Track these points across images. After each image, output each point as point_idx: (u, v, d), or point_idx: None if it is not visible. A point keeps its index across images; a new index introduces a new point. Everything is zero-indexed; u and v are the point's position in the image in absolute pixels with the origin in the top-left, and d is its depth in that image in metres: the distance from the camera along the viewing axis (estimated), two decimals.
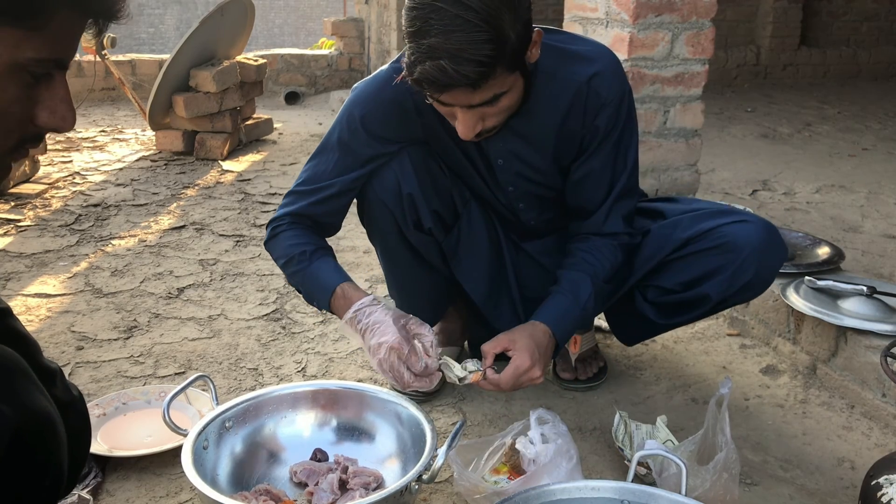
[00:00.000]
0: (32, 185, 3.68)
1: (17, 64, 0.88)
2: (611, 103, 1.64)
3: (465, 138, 1.47)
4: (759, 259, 1.68)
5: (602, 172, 1.70)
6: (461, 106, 1.42)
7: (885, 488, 1.32)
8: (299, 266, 1.67)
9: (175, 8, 17.43)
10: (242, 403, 1.61)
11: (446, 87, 1.35)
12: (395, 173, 1.69)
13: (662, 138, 2.80)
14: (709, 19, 2.71)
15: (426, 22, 1.31)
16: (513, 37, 1.35)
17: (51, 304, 2.45)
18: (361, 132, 1.65)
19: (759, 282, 1.72)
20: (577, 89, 1.62)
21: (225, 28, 4.39)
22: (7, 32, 0.85)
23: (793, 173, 3.73)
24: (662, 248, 1.76)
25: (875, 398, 1.85)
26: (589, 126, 1.65)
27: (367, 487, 1.50)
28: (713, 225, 1.71)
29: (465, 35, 1.30)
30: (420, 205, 1.71)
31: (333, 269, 1.67)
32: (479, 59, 1.31)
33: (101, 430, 1.75)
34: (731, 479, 1.42)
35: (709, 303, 1.74)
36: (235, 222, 3.26)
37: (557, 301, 1.67)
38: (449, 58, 1.30)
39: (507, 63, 1.37)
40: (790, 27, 6.63)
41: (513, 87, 1.44)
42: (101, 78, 5.78)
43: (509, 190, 1.77)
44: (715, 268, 1.70)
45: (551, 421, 1.53)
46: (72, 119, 0.95)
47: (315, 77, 6.56)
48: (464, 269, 1.85)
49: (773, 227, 1.73)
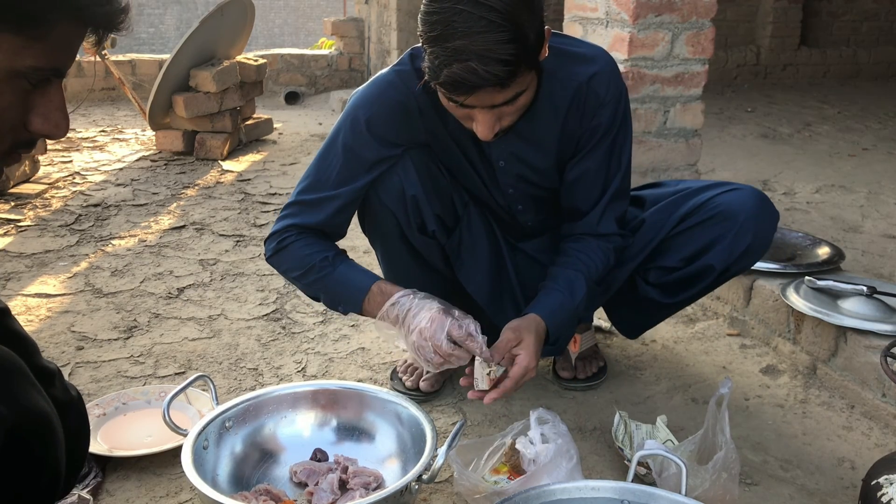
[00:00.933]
0: (32, 185, 3.69)
1: (16, 71, 0.88)
2: (609, 103, 1.65)
3: (484, 139, 1.48)
4: (756, 223, 1.72)
5: (597, 173, 1.71)
6: (484, 107, 1.42)
7: (885, 488, 1.32)
8: (322, 273, 1.64)
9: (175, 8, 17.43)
10: (242, 403, 1.61)
11: (475, 87, 1.36)
12: (398, 176, 1.68)
13: (662, 138, 2.80)
14: (709, 19, 2.71)
15: (449, 25, 1.32)
16: (532, 36, 1.37)
17: (51, 304, 2.45)
18: (367, 135, 1.63)
19: (758, 245, 1.76)
20: (577, 89, 1.63)
21: (225, 28, 4.39)
22: (7, 40, 0.86)
23: (793, 173, 3.73)
24: (659, 232, 1.80)
25: (875, 398, 1.85)
26: (587, 126, 1.66)
27: (367, 487, 1.50)
28: (706, 198, 1.76)
29: (491, 35, 1.31)
30: (424, 208, 1.71)
31: (363, 271, 1.66)
32: (506, 59, 1.32)
33: (101, 430, 1.76)
34: (731, 478, 1.42)
35: (713, 273, 1.77)
36: (235, 222, 3.26)
37: (554, 297, 1.68)
38: (477, 59, 1.31)
39: (528, 62, 1.39)
40: (790, 27, 6.63)
41: (530, 85, 1.46)
42: (101, 78, 5.79)
43: (509, 192, 1.78)
44: (714, 237, 1.74)
45: (551, 421, 1.53)
46: (65, 126, 0.95)
47: (315, 77, 6.56)
48: (466, 271, 1.85)
49: (762, 193, 1.78)
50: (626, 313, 1.99)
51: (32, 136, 0.94)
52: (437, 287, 1.91)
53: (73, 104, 5.56)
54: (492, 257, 1.87)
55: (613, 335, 2.27)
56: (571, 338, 1.94)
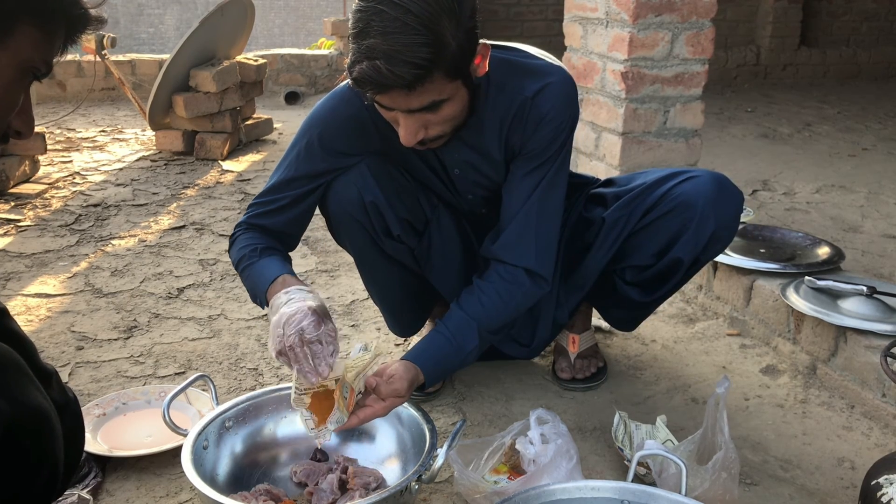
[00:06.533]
0: (32, 185, 3.69)
1: (32, 65, 0.91)
2: (550, 122, 1.61)
3: (406, 144, 1.47)
4: (716, 208, 1.70)
5: (522, 180, 1.65)
6: (401, 110, 1.42)
7: (885, 488, 1.32)
8: (247, 263, 1.63)
9: (175, 8, 17.43)
10: (242, 403, 1.62)
11: (382, 87, 1.36)
12: (354, 184, 1.69)
13: (662, 138, 2.80)
14: (709, 19, 2.71)
15: (368, 23, 1.33)
16: (453, 44, 1.35)
17: (51, 304, 2.45)
18: (318, 149, 1.67)
19: (723, 230, 1.74)
20: (522, 103, 1.61)
21: (225, 28, 4.39)
22: (32, 34, 0.90)
23: (793, 173, 3.73)
24: (624, 228, 1.78)
25: (875, 398, 1.85)
26: (526, 140, 1.64)
27: (367, 487, 1.50)
28: (664, 190, 1.74)
29: (403, 37, 1.31)
30: (386, 212, 1.71)
31: (281, 265, 1.61)
32: (415, 62, 1.32)
33: (101, 430, 1.76)
34: (731, 478, 1.42)
35: (682, 266, 1.76)
36: (235, 222, 3.25)
37: (440, 345, 1.62)
38: (385, 58, 1.31)
39: (445, 70, 1.37)
40: (790, 27, 6.63)
41: (454, 96, 1.43)
42: (101, 78, 5.79)
43: (469, 198, 1.79)
44: (677, 230, 1.72)
45: (551, 421, 1.53)
46: (33, 127, 1.00)
47: (315, 77, 6.55)
48: (437, 273, 1.86)
49: (721, 175, 1.75)
50: (616, 311, 2.00)
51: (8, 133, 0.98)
52: (415, 288, 1.92)
53: (73, 104, 5.56)
54: (464, 258, 1.87)
55: (613, 335, 2.27)
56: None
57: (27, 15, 0.89)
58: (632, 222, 1.77)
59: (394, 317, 2.04)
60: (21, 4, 0.89)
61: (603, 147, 2.89)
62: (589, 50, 2.90)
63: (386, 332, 2.21)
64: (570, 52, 3.03)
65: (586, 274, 1.86)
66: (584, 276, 1.86)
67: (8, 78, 0.91)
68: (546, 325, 1.94)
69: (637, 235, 1.77)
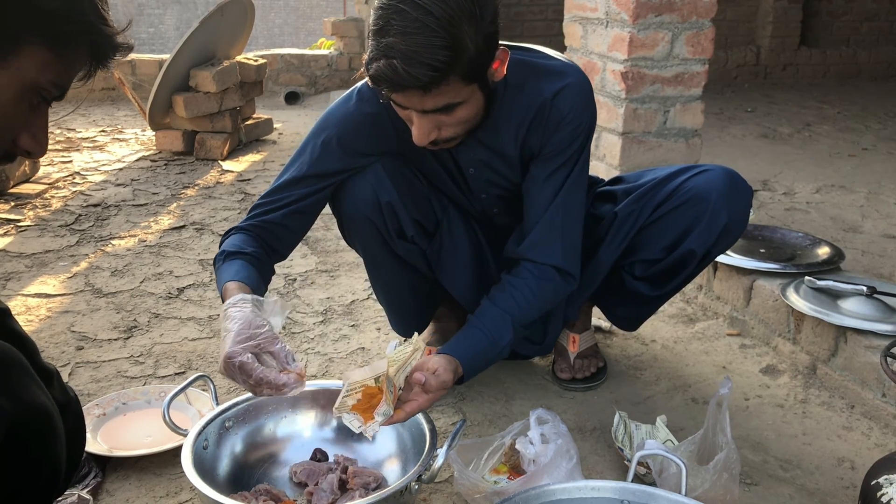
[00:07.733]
0: (32, 185, 3.69)
1: (38, 85, 0.90)
2: (570, 122, 1.62)
3: (418, 143, 1.47)
4: (728, 201, 1.72)
5: (545, 182, 1.66)
6: (415, 110, 1.42)
7: (885, 488, 1.32)
8: (215, 267, 1.62)
9: (175, 8, 17.42)
10: (242, 403, 1.62)
11: (398, 86, 1.36)
12: (370, 184, 1.68)
13: (662, 138, 2.80)
14: (709, 19, 2.71)
15: (388, 21, 1.33)
16: (471, 48, 1.35)
17: (51, 304, 2.45)
18: (335, 149, 1.66)
19: (735, 223, 1.75)
20: (542, 104, 1.61)
21: (225, 28, 4.39)
22: (40, 54, 0.89)
23: (793, 173, 3.73)
24: (636, 223, 1.78)
25: (875, 398, 1.85)
26: (546, 141, 1.64)
27: (367, 487, 1.50)
28: (677, 184, 1.75)
29: (422, 38, 1.31)
30: (400, 213, 1.72)
31: (238, 269, 1.56)
32: (432, 64, 1.32)
33: (101, 430, 1.76)
34: (732, 478, 1.42)
35: (695, 257, 1.76)
36: (235, 222, 3.23)
37: (477, 339, 1.62)
38: (402, 58, 1.31)
39: (462, 73, 1.37)
40: (790, 27, 6.62)
41: (469, 99, 1.44)
42: (101, 78, 5.78)
43: (482, 197, 1.79)
44: (690, 222, 1.73)
45: (551, 421, 1.53)
46: (46, 147, 0.98)
47: (315, 77, 6.55)
48: (449, 275, 1.86)
49: (732, 170, 1.76)
50: (621, 309, 2.00)
51: (15, 151, 0.96)
52: (422, 289, 1.92)
53: (73, 104, 5.56)
54: (475, 260, 1.87)
55: (613, 335, 2.27)
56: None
57: (36, 36, 0.88)
58: (644, 215, 1.77)
59: (398, 316, 2.04)
60: (30, 25, 0.87)
61: (603, 147, 2.89)
62: (589, 50, 2.90)
63: (386, 332, 2.21)
64: (570, 52, 3.03)
65: (597, 269, 1.85)
66: (594, 272, 1.86)
67: (7, 98, 0.89)
68: (557, 321, 1.94)
69: (648, 229, 1.78)
